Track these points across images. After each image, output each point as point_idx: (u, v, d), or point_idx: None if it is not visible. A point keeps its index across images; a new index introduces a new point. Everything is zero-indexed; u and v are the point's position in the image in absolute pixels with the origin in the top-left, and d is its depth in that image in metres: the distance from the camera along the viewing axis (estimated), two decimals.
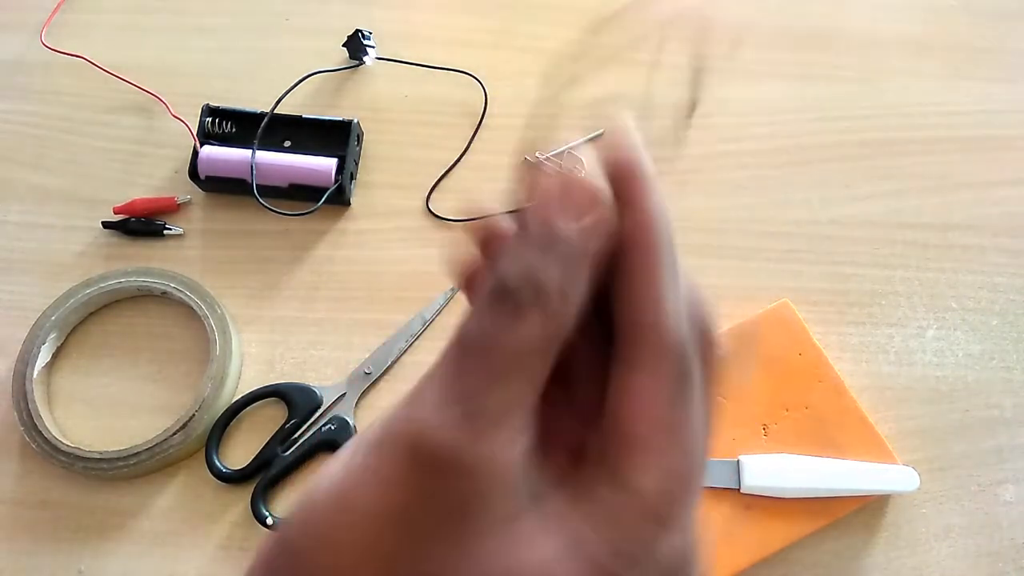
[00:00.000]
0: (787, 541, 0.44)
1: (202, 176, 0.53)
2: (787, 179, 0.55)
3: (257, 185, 0.51)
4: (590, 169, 0.20)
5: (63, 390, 0.49)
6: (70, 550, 0.45)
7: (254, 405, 0.48)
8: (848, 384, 0.47)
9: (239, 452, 0.48)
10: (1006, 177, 0.55)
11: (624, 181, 0.19)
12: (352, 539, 0.16)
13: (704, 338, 0.19)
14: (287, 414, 0.48)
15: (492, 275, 0.17)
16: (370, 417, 0.48)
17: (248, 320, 0.51)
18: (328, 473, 0.18)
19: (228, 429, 0.48)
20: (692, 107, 0.19)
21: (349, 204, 0.54)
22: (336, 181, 0.52)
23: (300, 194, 0.53)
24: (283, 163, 0.52)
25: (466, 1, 0.61)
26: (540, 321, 0.17)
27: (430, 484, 0.16)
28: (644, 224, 0.19)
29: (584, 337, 0.19)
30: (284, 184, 0.53)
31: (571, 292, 0.17)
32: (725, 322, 0.49)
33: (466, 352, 0.17)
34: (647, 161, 0.20)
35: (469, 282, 0.20)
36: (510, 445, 0.17)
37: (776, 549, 0.44)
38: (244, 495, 0.46)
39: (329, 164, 0.52)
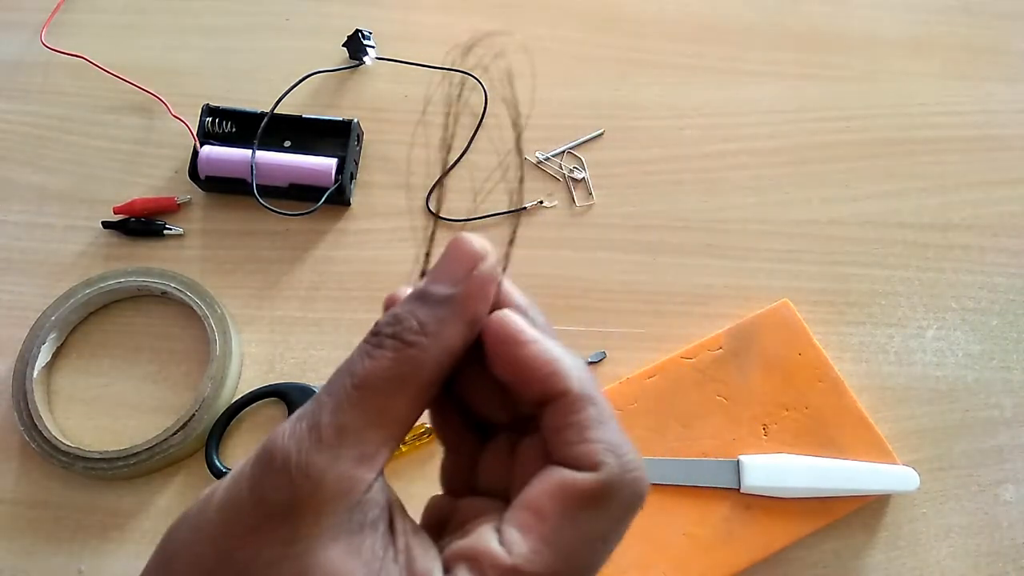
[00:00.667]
0: (787, 541, 0.44)
1: (202, 176, 0.53)
2: (787, 179, 0.55)
3: (257, 185, 0.51)
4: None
5: (63, 390, 0.49)
6: (70, 550, 0.45)
7: (254, 405, 0.48)
8: (848, 384, 0.47)
9: (239, 452, 0.48)
10: (1006, 177, 0.55)
11: (506, 343, 0.21)
12: (200, 523, 0.18)
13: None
14: (287, 414, 0.48)
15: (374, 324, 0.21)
16: None
17: (248, 320, 0.51)
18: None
19: (228, 429, 0.48)
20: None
21: (349, 204, 0.54)
22: (336, 181, 0.52)
23: (300, 194, 0.52)
24: (283, 163, 0.52)
25: (466, 1, 0.61)
26: (392, 356, 0.20)
27: (263, 482, 0.18)
28: (542, 367, 0.21)
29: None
30: (284, 184, 0.53)
31: (432, 335, 0.20)
32: (725, 322, 0.49)
33: (329, 380, 0.20)
34: (517, 323, 0.22)
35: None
36: (350, 464, 0.18)
37: (776, 549, 0.44)
38: None
39: (329, 164, 0.52)
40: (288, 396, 0.48)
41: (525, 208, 0.54)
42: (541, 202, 0.54)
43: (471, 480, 0.23)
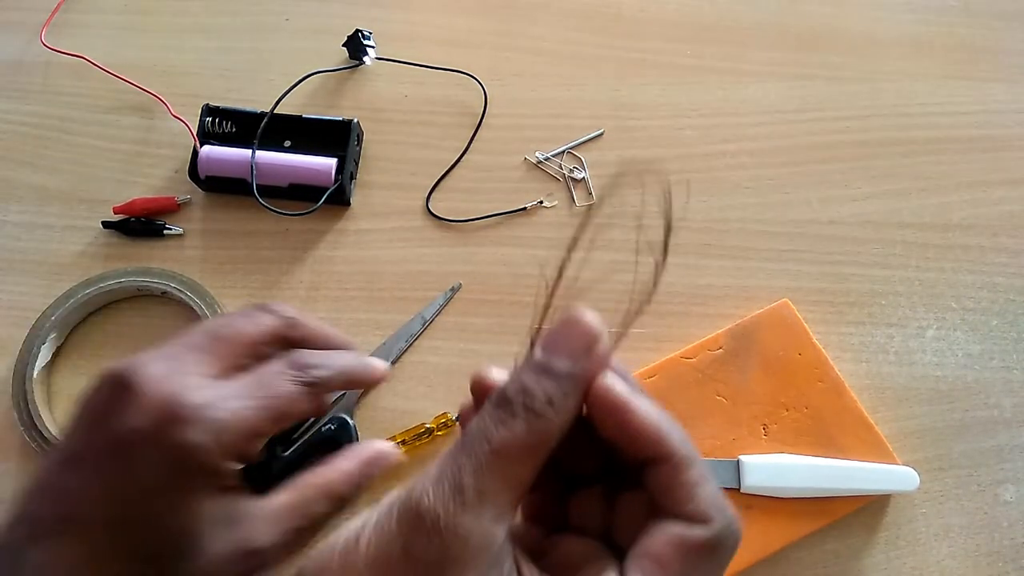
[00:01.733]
0: (787, 541, 0.44)
1: (202, 176, 0.53)
2: (787, 179, 0.55)
3: (257, 185, 0.51)
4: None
5: (63, 390, 0.49)
6: None
7: None
8: (848, 384, 0.47)
9: None
10: (1006, 177, 0.55)
11: (615, 407, 0.24)
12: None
13: None
14: None
15: (498, 390, 0.23)
16: (370, 417, 0.48)
17: None
18: (349, 525, 0.22)
19: None
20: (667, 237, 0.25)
21: (349, 204, 0.54)
22: (336, 181, 0.52)
23: (300, 194, 0.53)
24: (283, 163, 0.52)
25: (466, 1, 0.61)
26: (525, 427, 0.22)
27: (415, 541, 0.20)
28: (649, 433, 0.23)
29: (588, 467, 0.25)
30: (284, 184, 0.53)
31: (558, 409, 0.22)
32: (725, 322, 0.49)
33: (464, 442, 0.22)
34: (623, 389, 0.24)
35: (464, 419, 0.25)
36: (490, 523, 0.21)
37: (776, 549, 0.44)
38: None
39: (329, 164, 0.52)
40: None
41: (525, 208, 0.54)
42: (541, 202, 0.54)
43: (559, 518, 0.26)
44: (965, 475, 0.47)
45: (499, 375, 0.24)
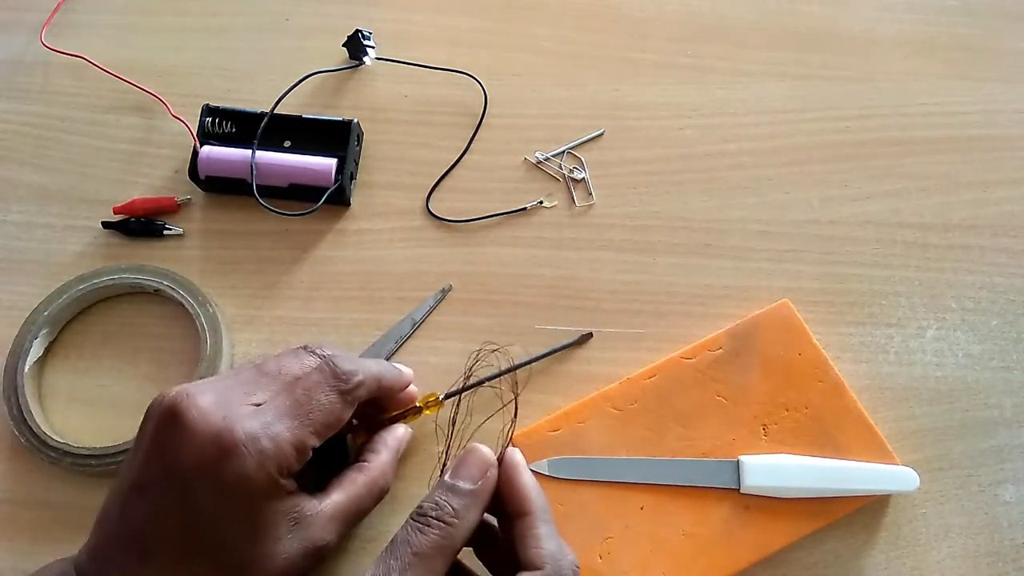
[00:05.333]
0: (787, 541, 0.44)
1: (202, 176, 0.53)
2: (787, 179, 0.55)
3: (257, 185, 0.51)
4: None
5: (55, 386, 0.49)
6: (64, 549, 0.45)
7: None
8: (848, 384, 0.47)
9: None
10: (1006, 177, 0.55)
11: (509, 471, 0.35)
12: None
13: None
14: None
15: (417, 505, 0.33)
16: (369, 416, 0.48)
17: (248, 320, 0.51)
18: None
19: None
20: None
21: (349, 204, 0.54)
22: (336, 181, 0.52)
23: (300, 194, 0.53)
24: (283, 163, 0.52)
25: (466, 1, 0.61)
26: (437, 533, 0.31)
27: None
28: (522, 494, 0.35)
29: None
30: (284, 184, 0.53)
31: (462, 518, 0.32)
32: (725, 322, 0.49)
33: (391, 548, 0.31)
34: (521, 459, 0.36)
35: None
36: None
37: (776, 549, 0.44)
38: None
39: (329, 164, 0.52)
40: None
41: (525, 208, 0.54)
42: (541, 202, 0.54)
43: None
44: (965, 475, 0.47)
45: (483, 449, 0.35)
